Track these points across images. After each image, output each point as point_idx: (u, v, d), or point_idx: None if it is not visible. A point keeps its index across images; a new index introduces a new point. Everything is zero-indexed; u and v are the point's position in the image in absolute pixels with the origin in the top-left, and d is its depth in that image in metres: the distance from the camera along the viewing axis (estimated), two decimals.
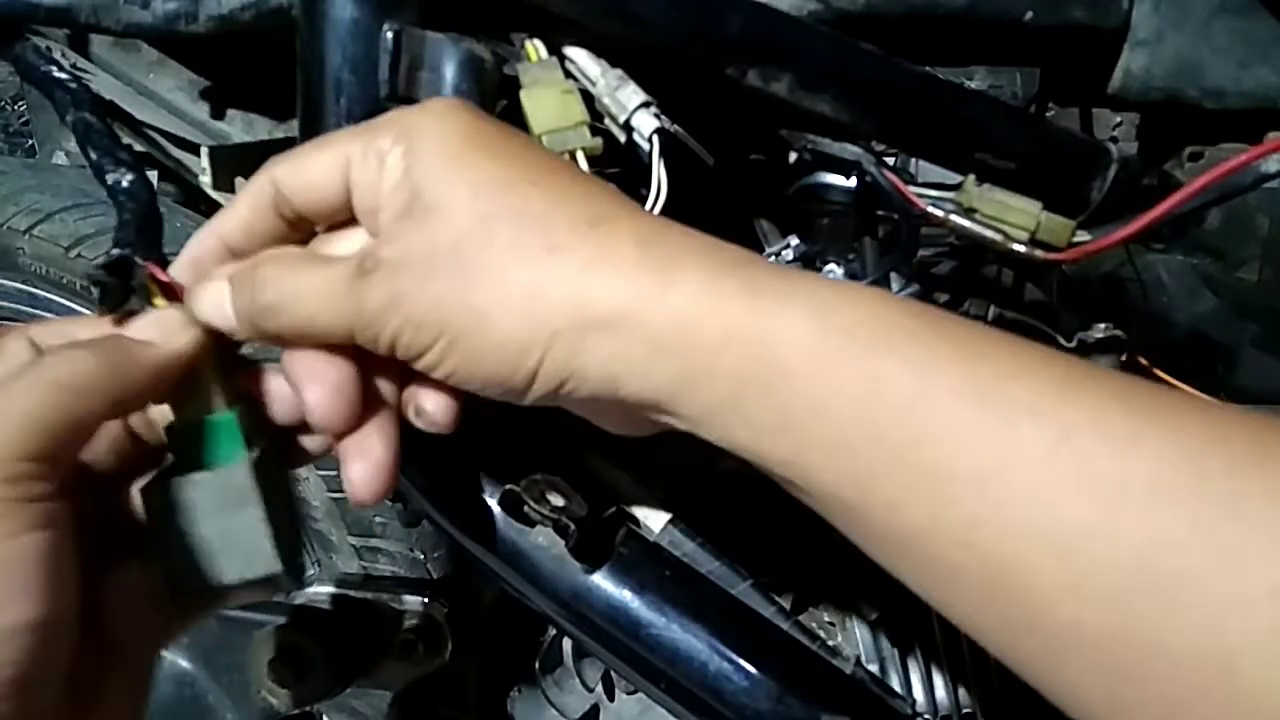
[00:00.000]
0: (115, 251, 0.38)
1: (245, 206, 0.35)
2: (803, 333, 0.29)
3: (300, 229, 0.36)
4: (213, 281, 0.34)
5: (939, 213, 0.48)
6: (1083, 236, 0.48)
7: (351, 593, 0.65)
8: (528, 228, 0.30)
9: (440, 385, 0.34)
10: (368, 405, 0.34)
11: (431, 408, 0.34)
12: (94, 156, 0.48)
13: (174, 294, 0.35)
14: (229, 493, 0.32)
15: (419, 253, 0.30)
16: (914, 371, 0.28)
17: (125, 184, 0.47)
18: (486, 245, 0.30)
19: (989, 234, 0.48)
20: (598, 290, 0.29)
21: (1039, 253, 0.48)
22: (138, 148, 0.75)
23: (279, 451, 0.35)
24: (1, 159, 1.70)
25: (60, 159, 1.05)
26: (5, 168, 0.88)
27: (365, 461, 0.33)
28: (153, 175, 0.95)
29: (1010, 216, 0.47)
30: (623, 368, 0.30)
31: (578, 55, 0.47)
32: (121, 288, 0.36)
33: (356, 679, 0.65)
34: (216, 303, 0.33)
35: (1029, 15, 0.48)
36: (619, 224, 0.31)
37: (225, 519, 0.32)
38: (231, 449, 0.33)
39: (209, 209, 0.93)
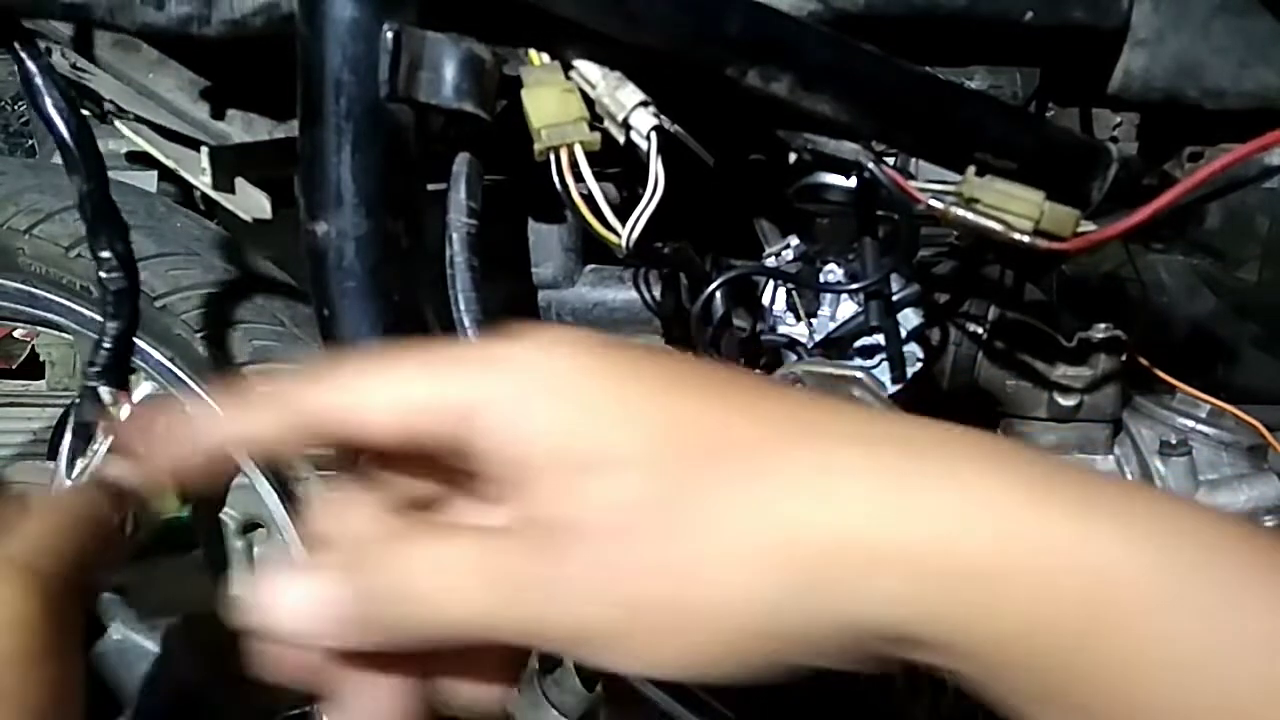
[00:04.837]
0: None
1: (272, 429, 0.27)
2: (1134, 559, 0.22)
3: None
4: (297, 578, 0.25)
5: (939, 205, 0.48)
6: (1087, 227, 0.48)
7: None
8: (733, 459, 0.24)
9: (485, 675, 0.27)
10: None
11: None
12: (95, 245, 0.52)
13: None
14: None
15: (600, 514, 0.23)
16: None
17: (115, 286, 0.54)
18: (686, 491, 0.23)
19: (991, 225, 0.47)
20: (854, 518, 0.23)
21: (1042, 243, 0.47)
22: (139, 148, 0.75)
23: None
24: (1, 159, 1.70)
25: (58, 159, 1.05)
26: (5, 168, 0.88)
27: None
28: (152, 175, 0.95)
29: (1013, 206, 0.47)
30: (900, 612, 0.23)
31: (578, 60, 0.47)
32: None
33: None
34: (309, 605, 0.25)
35: (1029, 15, 0.48)
36: (837, 427, 0.25)
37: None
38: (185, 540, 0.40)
39: (209, 209, 0.93)
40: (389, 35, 0.42)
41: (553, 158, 0.45)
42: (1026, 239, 0.47)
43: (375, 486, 0.28)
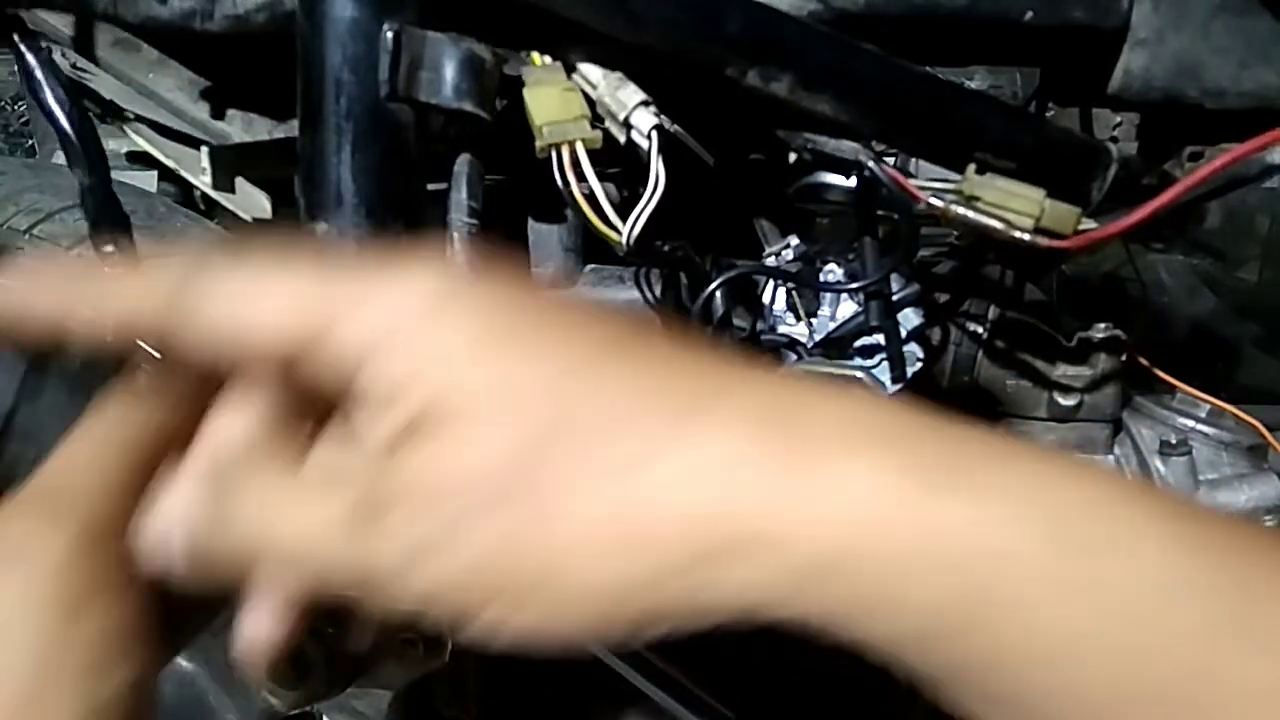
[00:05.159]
0: None
1: (143, 309, 0.25)
2: (1022, 542, 0.21)
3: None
4: (172, 489, 0.25)
5: (939, 203, 0.48)
6: (1088, 225, 0.48)
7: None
8: (602, 431, 0.22)
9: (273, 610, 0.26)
10: None
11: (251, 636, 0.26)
12: (97, 240, 0.52)
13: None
14: None
15: (449, 484, 0.22)
16: (1186, 601, 0.20)
17: None
18: (545, 462, 0.22)
19: (992, 223, 0.47)
20: (719, 503, 0.22)
21: (1043, 240, 0.47)
22: (139, 148, 0.75)
23: None
24: (1, 159, 1.71)
25: (60, 159, 1.05)
26: (5, 168, 0.88)
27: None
28: (152, 175, 0.95)
29: (1014, 204, 0.47)
30: (764, 597, 0.22)
31: (579, 61, 0.48)
32: None
33: (356, 679, 0.65)
34: (169, 516, 0.25)
35: (1029, 15, 0.48)
36: (727, 402, 0.23)
37: None
38: None
39: (209, 209, 0.94)
40: (389, 35, 0.42)
41: (554, 155, 0.45)
42: (1027, 237, 0.46)
43: (268, 397, 0.27)
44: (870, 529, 0.21)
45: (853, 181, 0.55)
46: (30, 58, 0.50)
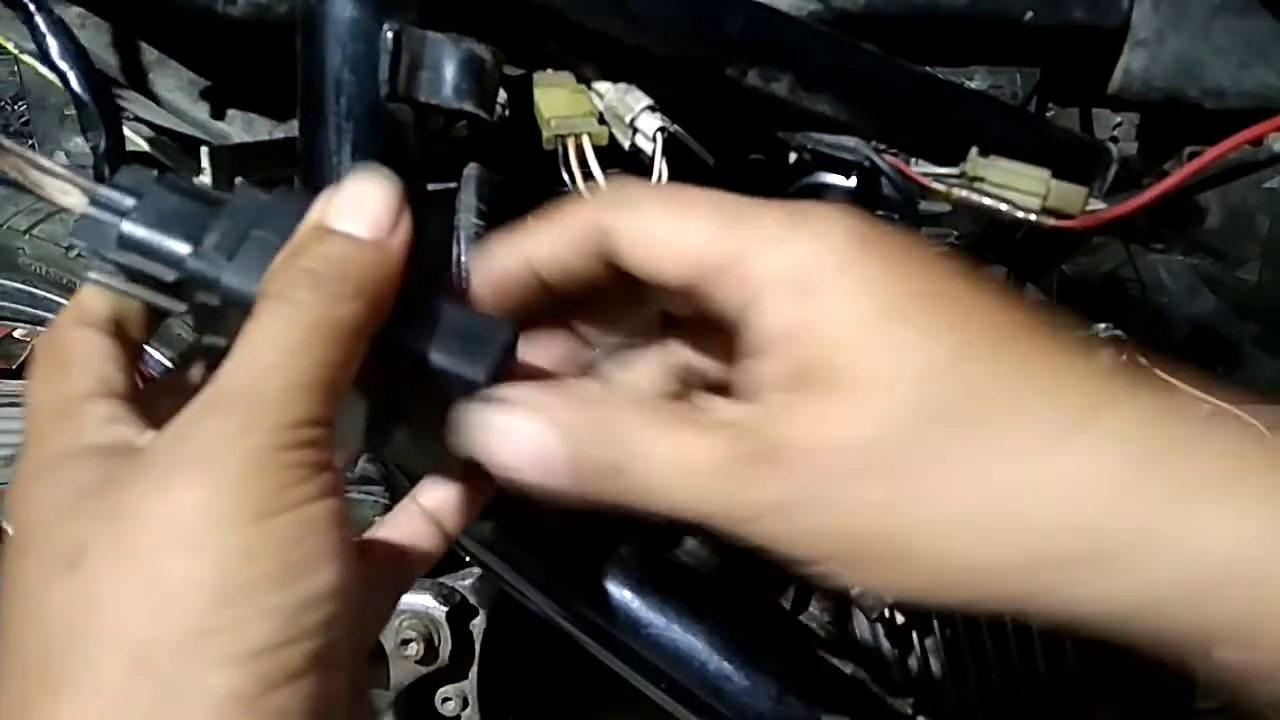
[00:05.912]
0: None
1: (566, 244, 0.27)
2: None
3: (625, 284, 0.27)
4: (523, 412, 0.25)
5: (941, 187, 0.48)
6: (1096, 205, 0.47)
7: None
8: (986, 428, 0.23)
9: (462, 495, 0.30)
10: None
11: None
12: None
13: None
14: None
15: (830, 445, 0.23)
16: None
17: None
18: (924, 446, 0.23)
19: (997, 205, 0.46)
20: (1096, 513, 0.22)
21: (1050, 220, 0.46)
22: (138, 148, 0.75)
23: None
24: None
25: (60, 159, 1.05)
26: None
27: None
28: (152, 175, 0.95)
29: (1019, 183, 0.46)
30: (1123, 610, 0.23)
31: (587, 72, 0.48)
32: None
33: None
34: (533, 443, 0.25)
35: (1029, 15, 0.48)
36: (1114, 416, 0.23)
37: None
38: None
39: None
40: (389, 35, 0.42)
41: (560, 147, 0.46)
42: (1034, 217, 0.46)
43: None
44: (1239, 562, 0.22)
45: (853, 181, 0.55)
46: (39, 19, 0.49)
